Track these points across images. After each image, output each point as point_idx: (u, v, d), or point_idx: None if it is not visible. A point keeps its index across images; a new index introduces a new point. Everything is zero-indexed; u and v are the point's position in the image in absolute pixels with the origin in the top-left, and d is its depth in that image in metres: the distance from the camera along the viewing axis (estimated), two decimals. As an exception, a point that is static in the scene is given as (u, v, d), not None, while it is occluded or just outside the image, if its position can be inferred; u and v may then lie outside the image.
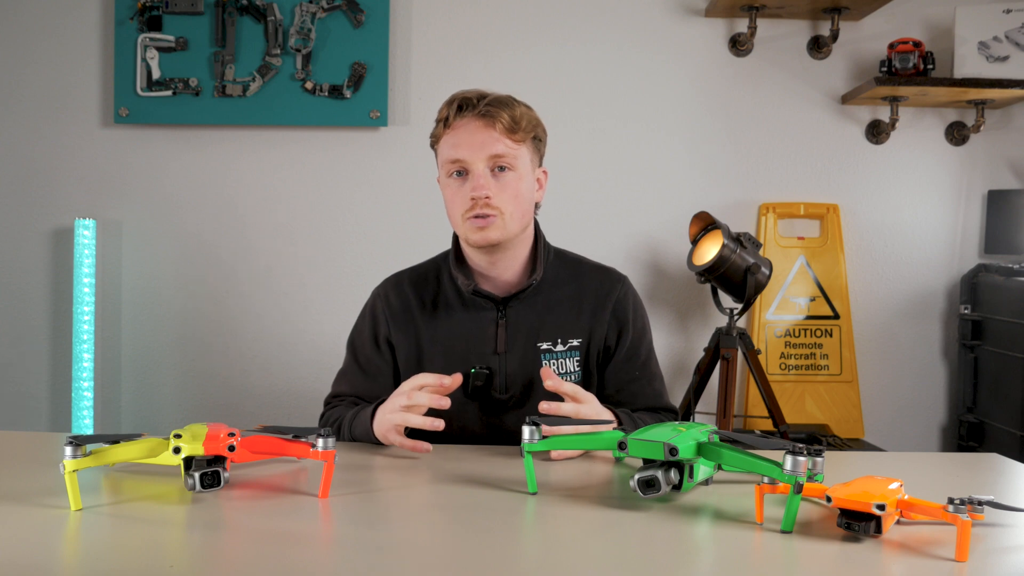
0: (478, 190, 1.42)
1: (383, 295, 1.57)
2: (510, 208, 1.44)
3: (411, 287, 1.56)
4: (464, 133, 1.44)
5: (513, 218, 1.45)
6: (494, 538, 0.96)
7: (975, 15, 2.61)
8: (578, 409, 1.29)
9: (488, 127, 1.43)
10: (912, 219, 2.80)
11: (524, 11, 2.75)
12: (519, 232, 1.48)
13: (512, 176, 1.45)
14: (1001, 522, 1.02)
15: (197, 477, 1.05)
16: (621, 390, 1.52)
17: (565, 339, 1.51)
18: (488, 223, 1.43)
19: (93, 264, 2.65)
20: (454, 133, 1.45)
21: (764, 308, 2.75)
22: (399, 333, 1.53)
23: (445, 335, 1.51)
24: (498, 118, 1.42)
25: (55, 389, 2.79)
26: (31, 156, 2.75)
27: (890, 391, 2.81)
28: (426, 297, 1.55)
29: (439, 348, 1.51)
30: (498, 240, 1.45)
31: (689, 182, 2.77)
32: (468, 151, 1.43)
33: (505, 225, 1.44)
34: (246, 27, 2.67)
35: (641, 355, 1.55)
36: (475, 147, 1.43)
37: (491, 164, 1.44)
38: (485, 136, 1.43)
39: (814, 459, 1.05)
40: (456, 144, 1.44)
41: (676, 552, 0.94)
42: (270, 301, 2.78)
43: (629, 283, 1.58)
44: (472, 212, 1.43)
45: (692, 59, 2.76)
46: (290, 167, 2.76)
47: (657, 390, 1.56)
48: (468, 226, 1.45)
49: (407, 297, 1.55)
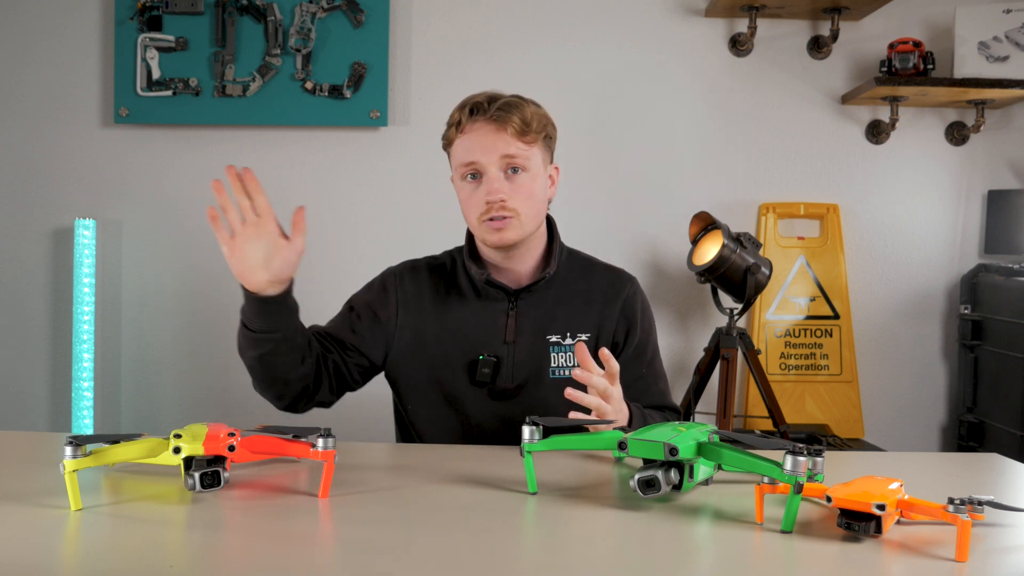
0: (493, 194, 1.45)
1: (398, 276, 1.60)
2: (525, 208, 1.48)
3: (428, 274, 1.59)
4: (476, 137, 1.47)
5: (529, 218, 1.49)
6: (494, 538, 0.96)
7: (975, 15, 2.61)
8: (600, 405, 1.28)
9: (500, 130, 1.46)
10: (912, 219, 2.80)
11: (524, 11, 2.75)
12: (534, 230, 1.52)
13: (526, 177, 1.48)
14: (1001, 522, 1.02)
15: (197, 477, 1.05)
16: (627, 388, 1.54)
17: (574, 333, 1.53)
18: (505, 224, 1.47)
19: (93, 264, 2.65)
20: (466, 137, 1.48)
21: (764, 308, 2.75)
22: (407, 315, 1.56)
23: (456, 323, 1.54)
24: (509, 121, 1.45)
25: (55, 389, 2.79)
26: (31, 156, 2.75)
27: (890, 391, 2.81)
28: (440, 286, 1.57)
29: (449, 335, 1.53)
30: (515, 240, 1.49)
31: (689, 182, 2.77)
32: (481, 154, 1.46)
33: (522, 225, 1.48)
34: (246, 27, 2.67)
35: (647, 354, 1.58)
36: (488, 150, 1.46)
37: (504, 166, 1.47)
38: (497, 139, 1.46)
39: (814, 459, 1.05)
40: (469, 148, 1.47)
41: (676, 552, 0.94)
42: (270, 301, 2.77)
43: (638, 284, 1.62)
44: (488, 215, 1.47)
45: (692, 59, 2.76)
46: (290, 167, 2.76)
47: (662, 389, 1.59)
48: (484, 228, 1.48)
49: (423, 283, 1.58)
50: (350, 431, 1.72)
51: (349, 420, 2.35)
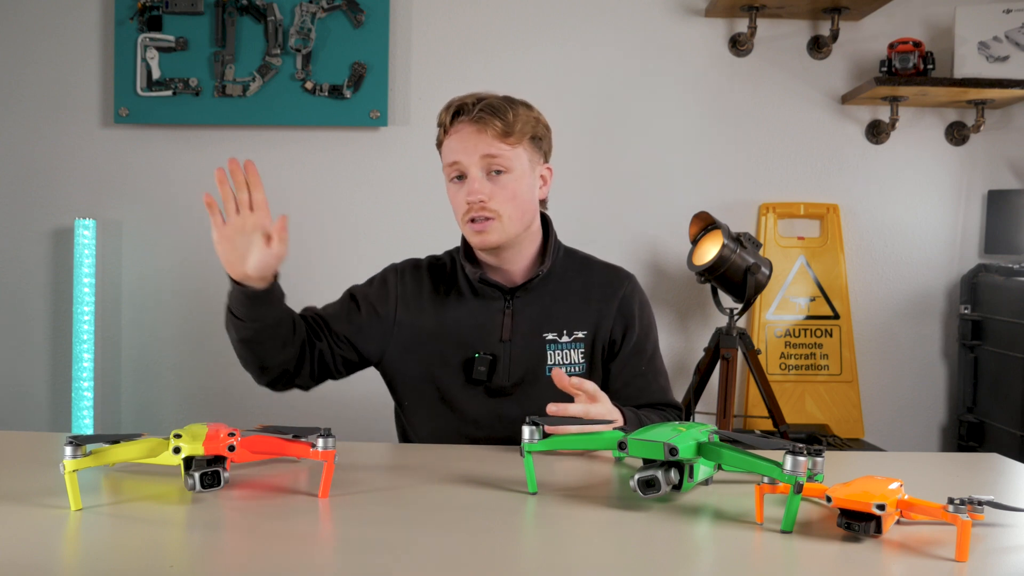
0: (473, 194, 1.46)
1: (400, 273, 1.60)
2: (508, 210, 1.47)
3: (428, 273, 1.60)
4: (460, 138, 1.48)
5: (512, 220, 1.48)
6: (494, 538, 0.96)
7: (975, 15, 2.61)
8: (587, 409, 1.29)
9: (481, 132, 1.46)
10: (912, 219, 2.80)
11: (524, 11, 2.75)
12: (520, 232, 1.51)
13: (509, 178, 1.47)
14: (1001, 522, 1.02)
15: (197, 477, 1.05)
16: (627, 385, 1.56)
17: (571, 331, 1.54)
18: (486, 227, 1.47)
19: (93, 264, 2.65)
20: (451, 138, 1.50)
21: (764, 308, 2.75)
22: (406, 312, 1.56)
23: (453, 321, 1.54)
24: (490, 123, 1.46)
25: (55, 389, 2.79)
26: (31, 156, 2.75)
27: (890, 391, 2.81)
28: (440, 285, 1.58)
29: (446, 333, 1.54)
30: (497, 243, 1.49)
31: (689, 182, 2.77)
32: (463, 155, 1.47)
33: (503, 228, 1.48)
34: (246, 27, 2.67)
35: (647, 351, 1.58)
36: (469, 151, 1.47)
37: (486, 167, 1.47)
38: (478, 140, 1.46)
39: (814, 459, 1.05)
40: (453, 149, 1.49)
41: (676, 552, 0.94)
42: (270, 301, 2.77)
43: (636, 281, 1.62)
44: (469, 215, 1.47)
45: (692, 59, 2.76)
46: (290, 167, 2.76)
47: (662, 386, 1.59)
48: (467, 230, 1.50)
49: (423, 281, 1.58)
50: (350, 431, 1.72)
51: (349, 420, 2.35)
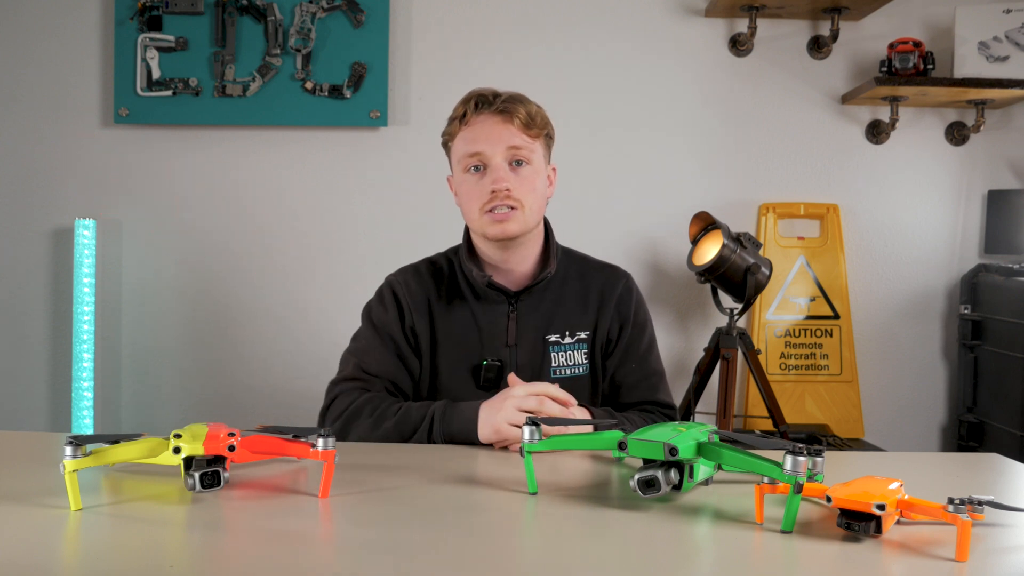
0: (499, 183, 1.45)
1: (403, 282, 1.57)
2: (529, 201, 1.48)
3: (429, 277, 1.58)
4: (483, 128, 1.48)
5: (532, 211, 1.49)
6: (494, 538, 0.96)
7: (975, 15, 2.61)
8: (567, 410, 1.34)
9: (506, 122, 1.47)
10: (912, 219, 2.80)
11: (524, 11, 2.75)
12: (534, 226, 1.52)
13: (529, 170, 1.49)
14: (1001, 522, 1.02)
15: (197, 477, 1.05)
16: (618, 380, 1.57)
17: (573, 332, 1.54)
18: (508, 216, 1.47)
19: (93, 264, 2.65)
20: (471, 129, 1.49)
21: (764, 308, 2.75)
22: (420, 321, 1.54)
23: (459, 327, 1.54)
24: (515, 113, 1.47)
25: (55, 389, 2.79)
26: (31, 156, 2.75)
27: (890, 391, 2.81)
28: (441, 289, 1.57)
29: (453, 340, 1.53)
30: (517, 233, 1.48)
31: (689, 182, 2.77)
32: (487, 145, 1.47)
33: (524, 219, 1.48)
34: (246, 27, 2.67)
35: (640, 348, 1.58)
36: (494, 141, 1.47)
37: (509, 158, 1.47)
38: (503, 130, 1.47)
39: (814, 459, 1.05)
40: (474, 139, 1.48)
41: (676, 552, 0.94)
42: (270, 301, 2.78)
43: (632, 280, 1.63)
44: (490, 205, 1.46)
45: (692, 59, 2.76)
46: (290, 167, 2.76)
47: (654, 384, 1.59)
48: (486, 220, 1.48)
49: (427, 286, 1.56)
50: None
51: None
